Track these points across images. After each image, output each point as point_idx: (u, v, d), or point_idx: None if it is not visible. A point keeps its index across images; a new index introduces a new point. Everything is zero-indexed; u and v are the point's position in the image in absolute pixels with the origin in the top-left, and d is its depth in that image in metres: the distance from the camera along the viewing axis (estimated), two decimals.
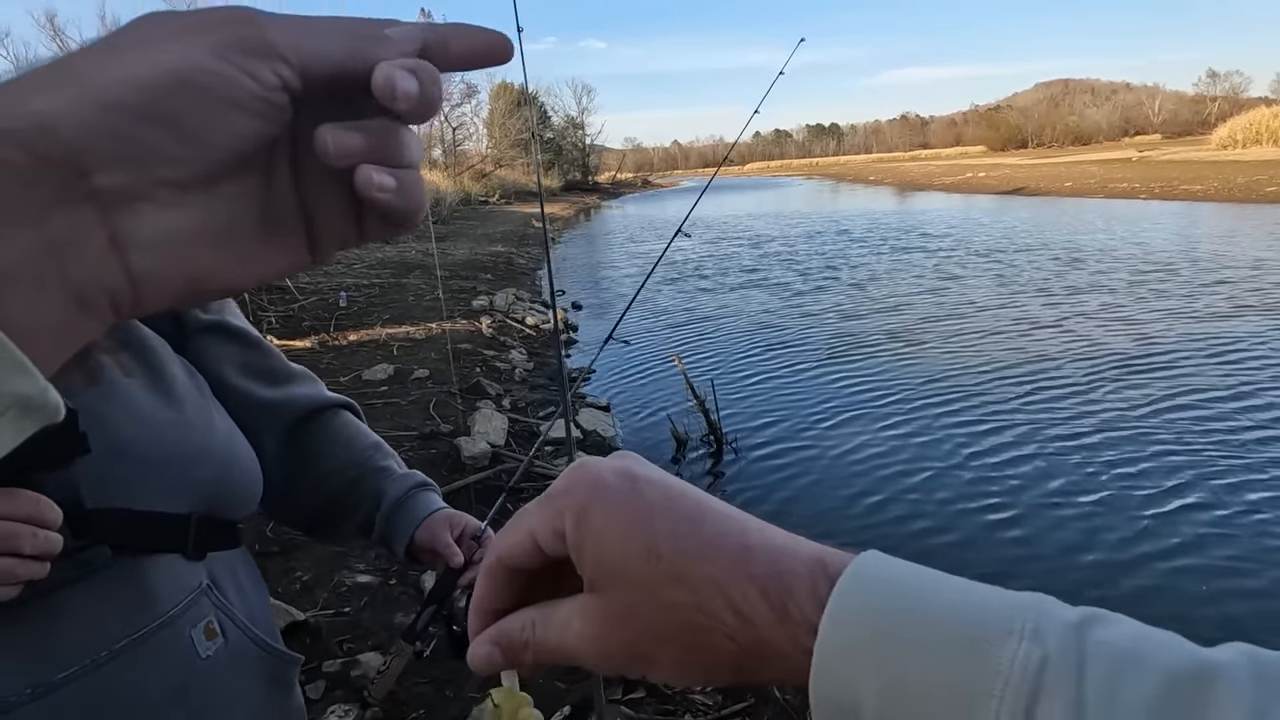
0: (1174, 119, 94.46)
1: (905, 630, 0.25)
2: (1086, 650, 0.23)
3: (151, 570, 0.62)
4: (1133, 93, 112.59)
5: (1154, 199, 18.43)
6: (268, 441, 0.80)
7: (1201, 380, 4.92)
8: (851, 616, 0.26)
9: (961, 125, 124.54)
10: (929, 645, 0.24)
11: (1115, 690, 0.22)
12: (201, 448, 0.67)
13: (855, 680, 0.25)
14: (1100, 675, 0.23)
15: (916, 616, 0.25)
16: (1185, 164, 26.13)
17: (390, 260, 10.26)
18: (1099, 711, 0.22)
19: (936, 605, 0.25)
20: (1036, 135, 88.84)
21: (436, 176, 23.68)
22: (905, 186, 33.55)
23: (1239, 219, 13.55)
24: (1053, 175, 27.41)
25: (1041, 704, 0.22)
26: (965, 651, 0.24)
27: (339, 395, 0.91)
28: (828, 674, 0.26)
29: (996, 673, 0.23)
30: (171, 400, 0.67)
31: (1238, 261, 9.09)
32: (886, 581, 0.26)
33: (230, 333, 0.81)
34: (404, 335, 6.08)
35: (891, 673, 0.24)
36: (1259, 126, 30.77)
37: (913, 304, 8.10)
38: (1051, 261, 10.21)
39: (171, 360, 0.70)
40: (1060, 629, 0.24)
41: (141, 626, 0.60)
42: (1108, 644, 0.23)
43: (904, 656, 0.25)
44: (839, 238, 14.88)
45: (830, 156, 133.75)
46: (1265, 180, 18.00)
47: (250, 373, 0.82)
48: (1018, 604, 0.25)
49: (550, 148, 41.89)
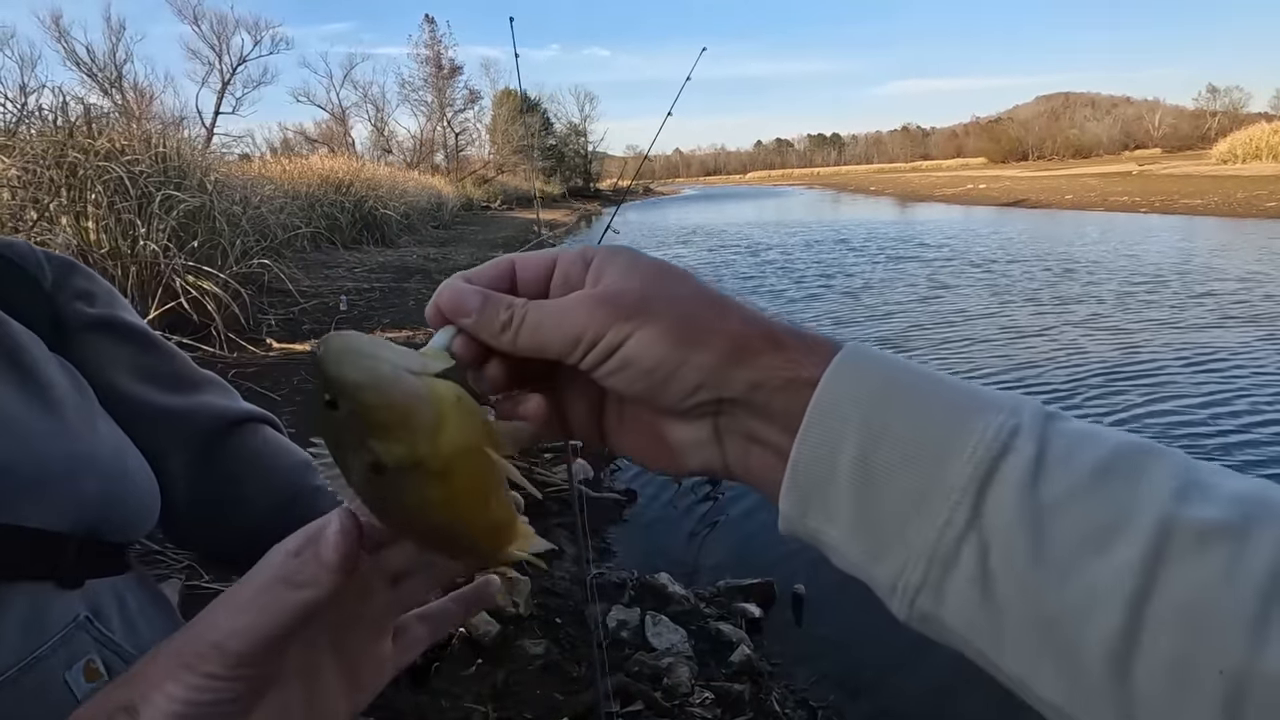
0: (1174, 133, 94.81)
1: (900, 391, 0.28)
2: (1054, 428, 0.26)
3: (12, 602, 0.51)
4: (1133, 106, 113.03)
5: (1154, 213, 18.52)
6: (173, 459, 0.69)
7: (1179, 388, 5.01)
8: (853, 369, 0.28)
9: (962, 137, 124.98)
10: (918, 405, 0.27)
11: (1071, 454, 0.25)
12: (84, 459, 0.57)
13: (844, 421, 0.27)
14: (1061, 444, 0.26)
15: (912, 385, 0.28)
16: (1185, 178, 26.24)
17: (391, 264, 10.36)
18: (1053, 469, 0.25)
19: (931, 379, 0.28)
20: (1037, 148, 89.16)
21: (439, 181, 23.82)
22: (906, 197, 33.67)
23: (1237, 233, 13.64)
24: (1053, 188, 27.52)
25: (1007, 460, 0.25)
26: (949, 415, 0.27)
27: (256, 408, 0.79)
28: (823, 409, 0.28)
29: (972, 432, 0.26)
30: (47, 405, 0.57)
31: (1227, 274, 9.18)
32: (886, 357, 0.29)
33: (122, 331, 0.70)
34: (405, 340, 6.14)
35: (879, 419, 0.27)
36: (1259, 142, 30.89)
37: (905, 311, 8.19)
38: (1044, 271, 10.29)
39: (47, 361, 0.61)
40: (1036, 412, 0.27)
41: (1, 671, 0.49)
42: (1074, 426, 0.27)
43: (894, 409, 0.27)
44: (837, 246, 14.96)
45: (831, 166, 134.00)
46: (1265, 195, 18.09)
47: (148, 378, 0.70)
48: (1004, 395, 0.28)
49: (552, 154, 42.07)
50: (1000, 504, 0.25)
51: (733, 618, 2.62)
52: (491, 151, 38.65)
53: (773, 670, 2.38)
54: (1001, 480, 0.25)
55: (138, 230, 5.01)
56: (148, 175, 5.42)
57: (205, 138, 17.21)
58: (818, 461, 0.28)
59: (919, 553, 0.26)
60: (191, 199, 5.63)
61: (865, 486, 0.27)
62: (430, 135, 36.25)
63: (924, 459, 0.26)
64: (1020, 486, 0.25)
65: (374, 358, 0.28)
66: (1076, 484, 0.25)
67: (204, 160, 6.73)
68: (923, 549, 0.26)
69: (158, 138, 6.05)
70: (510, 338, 0.31)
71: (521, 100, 42.26)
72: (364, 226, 12.46)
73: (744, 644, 2.42)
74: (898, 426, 0.27)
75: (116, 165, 5.12)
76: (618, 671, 2.16)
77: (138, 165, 5.38)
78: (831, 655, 2.49)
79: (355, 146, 32.45)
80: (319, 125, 34.16)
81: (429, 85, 37.46)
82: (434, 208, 18.28)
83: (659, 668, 2.21)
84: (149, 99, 22.69)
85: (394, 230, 13.30)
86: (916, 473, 0.26)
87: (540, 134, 41.11)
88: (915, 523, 0.26)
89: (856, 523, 0.27)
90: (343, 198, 12.21)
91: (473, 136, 39.65)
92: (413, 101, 37.40)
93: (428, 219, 16.73)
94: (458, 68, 38.51)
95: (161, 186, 5.45)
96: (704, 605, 2.69)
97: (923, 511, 0.26)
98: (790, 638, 2.63)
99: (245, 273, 6.00)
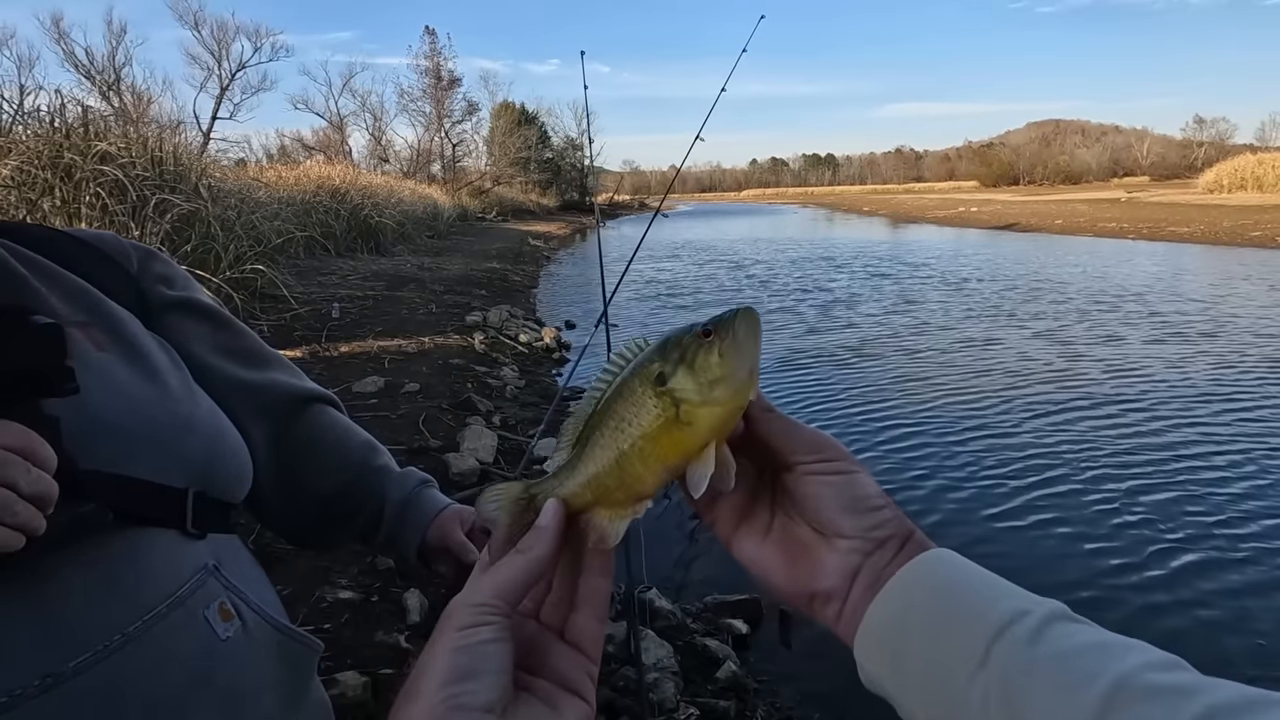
0: (1162, 162, 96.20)
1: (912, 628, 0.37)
2: (1035, 658, 0.32)
3: (152, 547, 0.58)
4: (1122, 135, 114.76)
5: (1141, 239, 18.77)
6: (253, 429, 0.74)
7: (1120, 408, 5.15)
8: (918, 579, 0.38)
9: (955, 160, 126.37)
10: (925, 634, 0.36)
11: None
12: (188, 421, 0.63)
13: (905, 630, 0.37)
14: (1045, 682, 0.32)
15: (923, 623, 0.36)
16: (1172, 206, 26.62)
17: (385, 273, 10.34)
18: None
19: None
20: (1028, 173, 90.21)
21: (435, 191, 23.87)
22: (899, 218, 33.97)
23: (1223, 260, 13.84)
24: (1044, 212, 27.85)
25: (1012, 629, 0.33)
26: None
27: (321, 388, 0.85)
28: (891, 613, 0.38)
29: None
30: (150, 374, 0.63)
31: (1201, 297, 9.32)
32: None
33: (199, 310, 0.76)
34: (396, 348, 6.14)
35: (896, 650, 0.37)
36: (1244, 173, 31.38)
37: (868, 324, 8.29)
38: (1012, 291, 10.59)
39: (144, 335, 0.67)
40: (1012, 647, 0.33)
41: (150, 608, 0.55)
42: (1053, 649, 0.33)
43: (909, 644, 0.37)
44: (821, 263, 15.20)
45: (825, 186, 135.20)
46: (1250, 225, 18.39)
47: (226, 353, 0.76)
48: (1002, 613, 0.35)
49: (549, 167, 42.25)
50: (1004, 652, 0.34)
51: (720, 634, 2.61)
52: (489, 163, 38.79)
53: (759, 687, 2.37)
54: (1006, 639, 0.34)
55: (131, 233, 4.99)
56: (143, 179, 5.41)
57: (201, 142, 17.18)
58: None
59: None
60: (186, 203, 5.63)
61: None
62: (428, 145, 36.36)
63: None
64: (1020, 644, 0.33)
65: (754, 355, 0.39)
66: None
67: (200, 164, 6.73)
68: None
69: (154, 141, 6.05)
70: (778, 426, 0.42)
71: (519, 113, 42.50)
72: (359, 234, 12.45)
73: (730, 660, 2.41)
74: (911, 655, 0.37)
75: (112, 168, 5.11)
76: (603, 686, 2.15)
77: (133, 169, 5.37)
78: (818, 673, 2.48)
79: (352, 155, 32.50)
80: (316, 133, 34.19)
81: (428, 96, 37.61)
82: (429, 217, 18.29)
83: (645, 683, 2.20)
84: (146, 103, 22.68)
85: (389, 239, 13.30)
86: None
87: (538, 146, 41.27)
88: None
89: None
90: (338, 205, 12.21)
91: (470, 148, 39.80)
92: (411, 111, 37.51)
93: (423, 228, 16.74)
94: (457, 79, 38.70)
95: (157, 190, 5.45)
96: (691, 621, 2.68)
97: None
98: (777, 655, 2.63)
99: (238, 278, 5.99)
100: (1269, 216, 19.76)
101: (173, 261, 0.79)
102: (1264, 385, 5.62)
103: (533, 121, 43.63)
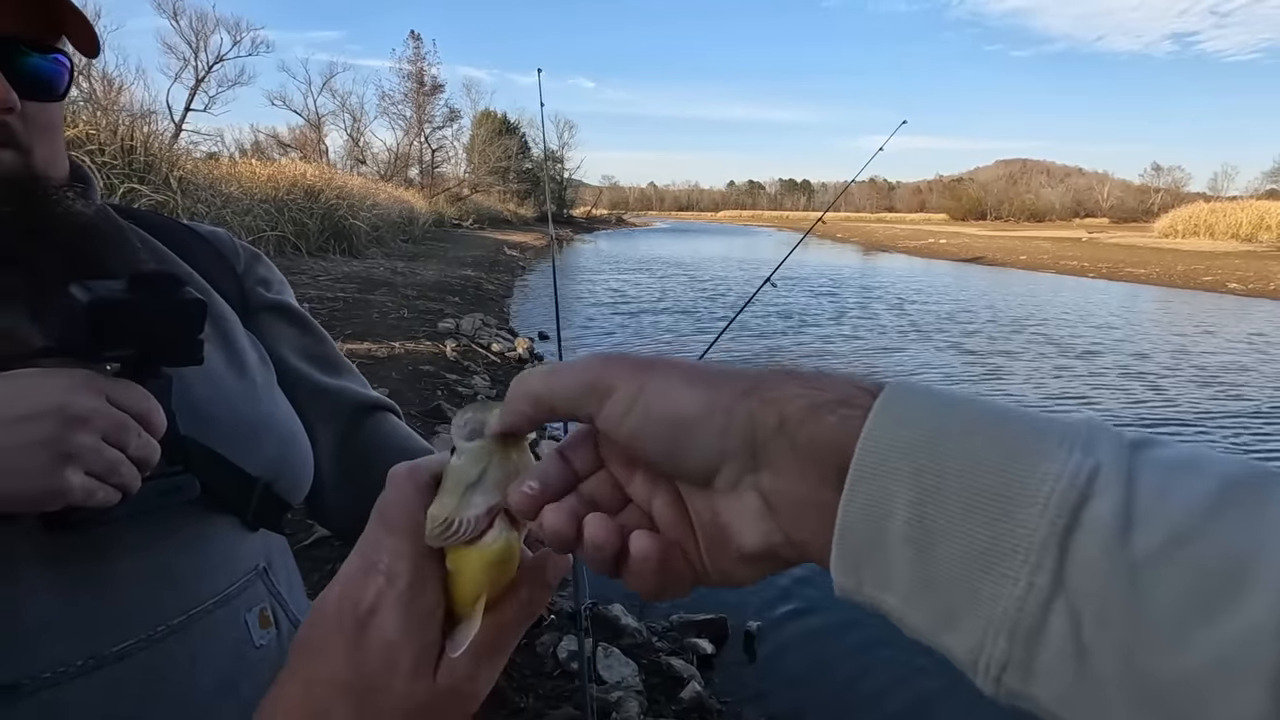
0: (1121, 205, 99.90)
1: (952, 434, 0.24)
2: (1140, 460, 0.22)
3: (211, 540, 0.60)
4: (1084, 177, 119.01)
5: (1100, 278, 19.40)
6: (321, 432, 0.77)
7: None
8: (897, 412, 0.25)
9: (926, 193, 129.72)
10: (975, 449, 0.23)
11: (1167, 492, 0.21)
12: (267, 420, 0.66)
13: (893, 475, 0.24)
14: (1153, 480, 0.22)
15: (967, 424, 0.24)
16: (1130, 248, 27.63)
17: (357, 275, 10.20)
18: (1148, 514, 0.21)
19: (988, 415, 0.25)
20: (995, 209, 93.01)
21: (412, 195, 23.66)
22: (871, 246, 34.62)
23: (1176, 301, 14.39)
24: (1009, 248, 28.65)
25: (1089, 509, 0.21)
26: (1012, 457, 0.23)
27: (385, 398, 0.89)
28: (868, 462, 0.25)
29: (1044, 478, 0.22)
30: (241, 370, 0.66)
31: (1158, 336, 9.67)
32: (934, 393, 0.26)
33: (291, 315, 0.81)
34: (365, 352, 6.04)
35: (932, 469, 0.24)
36: (1197, 220, 32.75)
37: (815, 339, 8.42)
38: (988, 325, 10.81)
39: (241, 333, 0.70)
40: (1116, 443, 0.23)
41: (198, 603, 0.57)
42: (1162, 457, 0.22)
43: (948, 456, 0.24)
44: (785, 283, 15.58)
45: (800, 211, 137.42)
46: (1202, 270, 19.16)
47: (309, 358, 0.80)
48: (1075, 424, 0.24)
49: (528, 178, 42.22)
50: (1087, 564, 0.21)
51: (685, 653, 2.60)
52: (468, 170, 38.63)
53: (722, 709, 2.36)
54: (1085, 535, 0.21)
55: None
56: (111, 166, 5.27)
57: (173, 133, 16.79)
58: (867, 523, 0.25)
59: (998, 625, 0.22)
60: (155, 194, 5.49)
61: (923, 549, 0.24)
62: (407, 149, 36.09)
63: (989, 511, 0.23)
64: (1108, 541, 0.21)
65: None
66: (1180, 529, 0.21)
67: (171, 155, 6.58)
68: (1002, 620, 0.22)
69: (125, 129, 5.91)
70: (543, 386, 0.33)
71: (500, 123, 42.50)
72: (332, 235, 12.27)
73: (695, 680, 2.39)
74: (953, 477, 0.23)
75: (80, 154, 4.97)
76: (566, 703, 2.12)
77: (101, 155, 5.23)
78: (782, 695, 2.48)
79: (329, 155, 32.07)
80: (293, 130, 33.66)
81: (409, 100, 37.38)
82: (405, 221, 18.12)
83: (608, 701, 2.17)
84: (118, 90, 22.12)
85: (362, 241, 13.13)
86: (981, 528, 0.23)
87: (517, 157, 41.22)
88: (987, 587, 0.22)
89: (917, 589, 0.24)
90: (312, 204, 12.03)
91: (449, 154, 39.61)
92: (391, 115, 37.22)
93: (398, 232, 16.57)
94: (440, 85, 38.56)
95: (125, 179, 5.31)
96: (656, 639, 2.66)
97: (994, 574, 0.22)
98: (742, 676, 2.62)
99: None
100: (1219, 263, 20.64)
101: (272, 265, 0.83)
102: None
103: (514, 132, 43.60)
